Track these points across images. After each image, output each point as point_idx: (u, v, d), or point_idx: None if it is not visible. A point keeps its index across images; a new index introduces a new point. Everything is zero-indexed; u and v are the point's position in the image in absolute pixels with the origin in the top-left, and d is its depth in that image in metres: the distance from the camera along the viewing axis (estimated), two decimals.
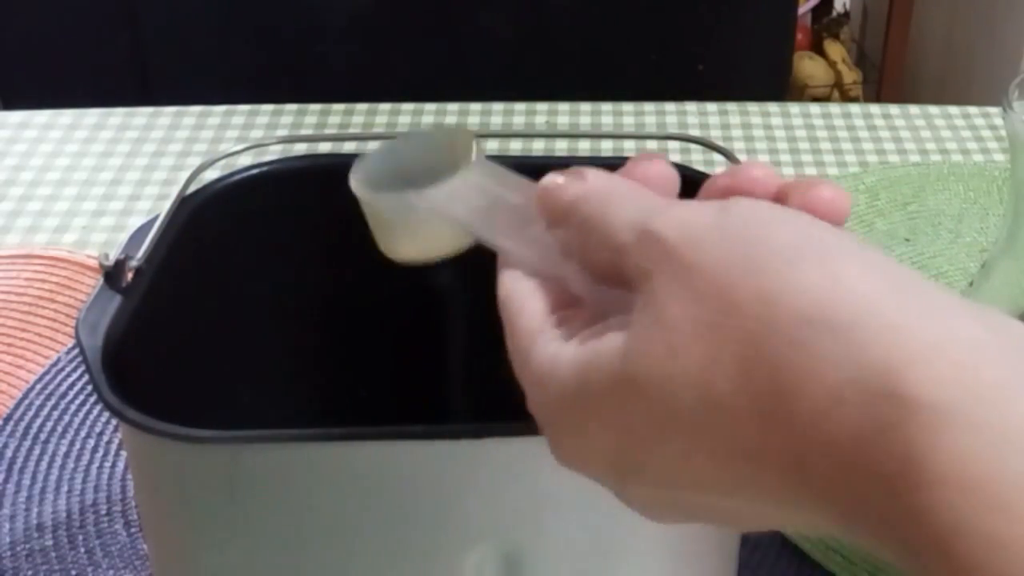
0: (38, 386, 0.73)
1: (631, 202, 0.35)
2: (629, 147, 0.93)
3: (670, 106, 1.03)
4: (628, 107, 1.02)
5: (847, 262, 0.31)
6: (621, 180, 0.37)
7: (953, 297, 0.30)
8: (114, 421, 0.70)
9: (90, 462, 0.68)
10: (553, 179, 0.38)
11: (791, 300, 0.30)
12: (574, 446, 0.34)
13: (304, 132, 0.98)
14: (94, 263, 0.80)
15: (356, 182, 0.43)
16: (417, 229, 0.43)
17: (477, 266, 0.57)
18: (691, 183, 0.57)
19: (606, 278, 0.35)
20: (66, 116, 1.01)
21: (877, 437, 0.27)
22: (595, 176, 0.37)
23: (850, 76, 2.23)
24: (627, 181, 0.37)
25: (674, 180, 0.38)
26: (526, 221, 0.39)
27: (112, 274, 0.47)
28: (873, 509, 0.27)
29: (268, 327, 0.57)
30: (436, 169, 0.41)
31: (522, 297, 0.37)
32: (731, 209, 0.33)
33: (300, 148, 0.83)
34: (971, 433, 0.26)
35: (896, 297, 0.29)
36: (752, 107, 1.04)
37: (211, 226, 0.53)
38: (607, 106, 1.02)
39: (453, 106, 1.01)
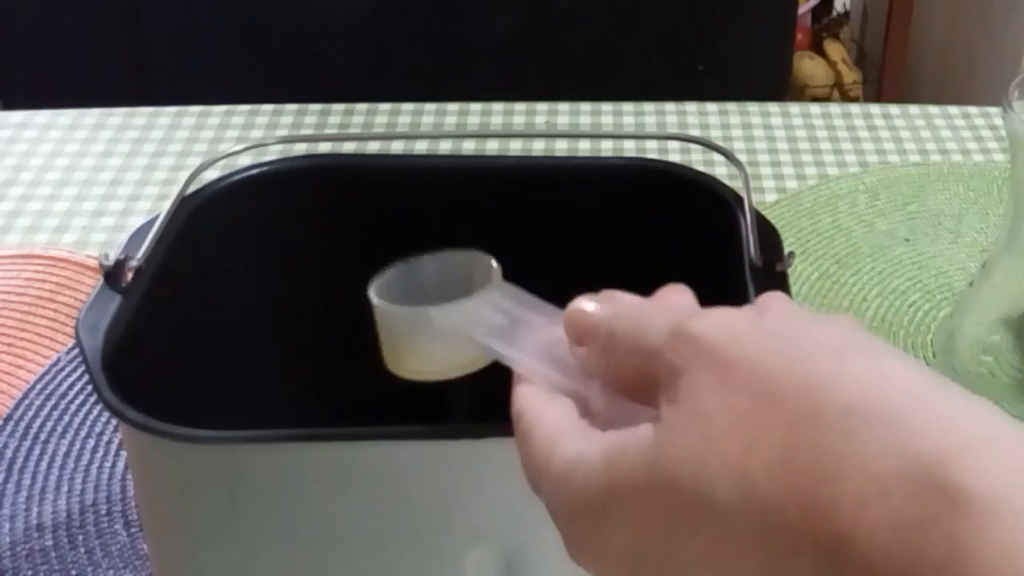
0: (38, 386, 0.73)
1: (662, 312, 0.36)
2: (629, 147, 0.93)
3: (670, 106, 1.03)
4: (628, 107, 1.02)
5: (889, 358, 0.31)
6: (650, 301, 0.38)
7: (984, 399, 0.30)
8: (114, 421, 0.70)
9: (90, 462, 0.68)
10: (583, 302, 0.38)
11: (835, 391, 0.30)
12: (593, 541, 0.34)
13: (304, 132, 0.98)
14: (94, 263, 0.80)
15: (374, 294, 0.43)
16: (431, 345, 0.43)
17: None
18: (692, 184, 0.57)
19: (630, 391, 0.35)
20: (66, 116, 1.01)
21: (922, 526, 0.27)
22: (626, 297, 0.38)
23: (850, 76, 2.23)
24: (657, 302, 0.38)
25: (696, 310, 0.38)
26: (546, 340, 0.39)
27: (112, 274, 0.47)
28: None
29: (268, 327, 0.57)
30: (453, 290, 0.42)
31: (540, 408, 0.37)
32: (768, 309, 0.33)
33: (300, 148, 0.83)
34: (1019, 526, 0.26)
35: (938, 392, 0.30)
36: (752, 107, 1.04)
37: (211, 226, 0.53)
38: (607, 106, 1.02)
39: (453, 106, 1.01)
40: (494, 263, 0.43)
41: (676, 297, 0.38)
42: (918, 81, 2.18)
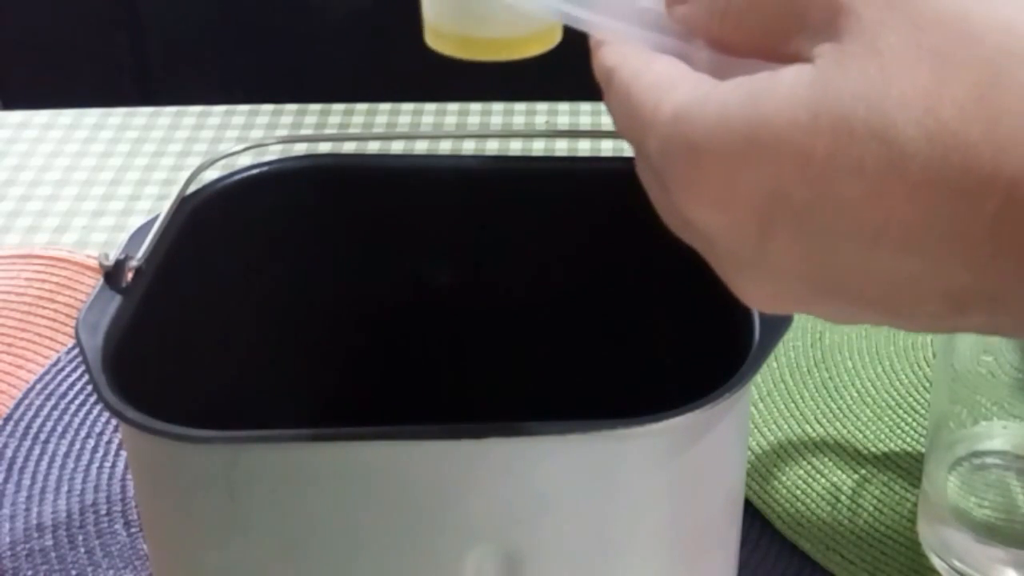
0: (38, 386, 0.73)
1: None
2: (629, 146, 0.93)
3: None
4: None
5: None
6: None
7: None
8: (114, 421, 0.70)
9: (90, 462, 0.68)
10: None
11: None
12: (724, 183, 0.30)
13: (304, 132, 0.98)
14: (94, 263, 0.80)
15: None
16: (481, 17, 0.39)
17: (478, 266, 0.58)
18: None
19: (747, 48, 0.32)
20: (66, 116, 1.01)
21: None
22: None
23: None
24: None
25: None
26: (628, 5, 0.35)
27: (112, 274, 0.47)
28: None
29: (268, 327, 0.57)
30: None
31: (639, 63, 0.33)
32: None
33: (300, 148, 0.83)
34: None
35: None
36: None
37: (211, 226, 0.53)
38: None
39: (453, 106, 1.01)
40: None
41: None
42: None
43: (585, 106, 1.02)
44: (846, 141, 0.28)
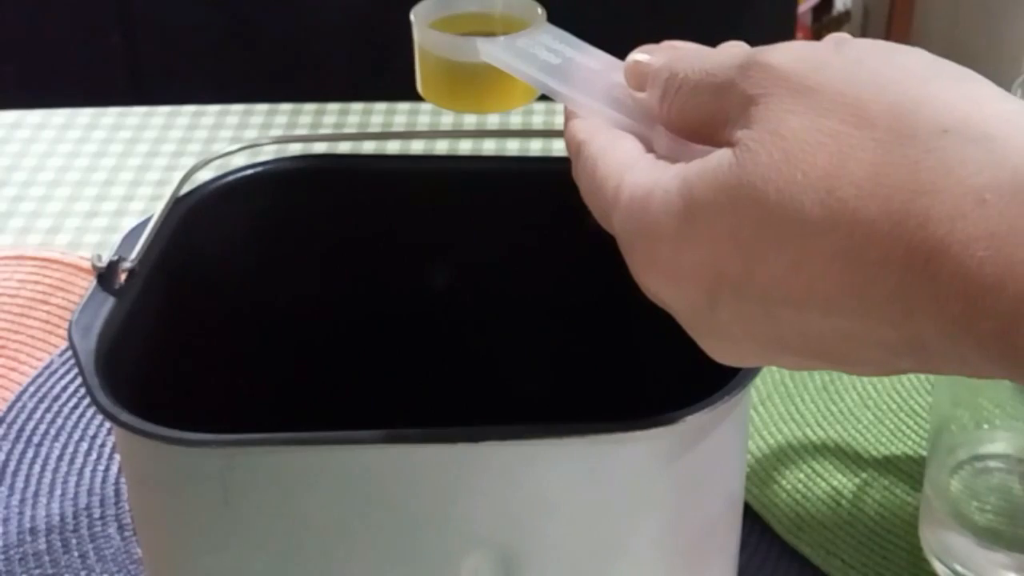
0: (31, 388, 0.73)
1: (728, 53, 0.35)
2: None
3: None
4: None
5: (981, 85, 0.31)
6: (713, 48, 0.37)
7: None
8: (107, 424, 0.70)
9: (83, 465, 0.68)
10: (642, 48, 0.38)
11: (928, 112, 0.30)
12: (672, 262, 0.34)
13: (299, 132, 0.98)
14: (87, 264, 0.80)
15: (417, 18, 0.43)
16: (474, 79, 0.42)
17: (475, 266, 0.57)
18: None
19: (694, 136, 0.35)
20: (59, 116, 1.01)
21: (1019, 235, 0.28)
22: (687, 44, 0.38)
23: None
24: (718, 48, 0.37)
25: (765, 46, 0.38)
26: (604, 83, 0.39)
27: (105, 276, 0.47)
28: (1005, 303, 0.28)
29: (262, 329, 0.57)
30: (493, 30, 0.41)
31: (606, 140, 0.37)
32: (845, 41, 0.33)
33: (295, 148, 0.83)
34: None
35: None
36: None
37: (205, 227, 0.53)
38: None
39: None
40: (540, 9, 0.42)
41: (738, 47, 0.37)
42: None
43: None
44: (763, 221, 0.31)
